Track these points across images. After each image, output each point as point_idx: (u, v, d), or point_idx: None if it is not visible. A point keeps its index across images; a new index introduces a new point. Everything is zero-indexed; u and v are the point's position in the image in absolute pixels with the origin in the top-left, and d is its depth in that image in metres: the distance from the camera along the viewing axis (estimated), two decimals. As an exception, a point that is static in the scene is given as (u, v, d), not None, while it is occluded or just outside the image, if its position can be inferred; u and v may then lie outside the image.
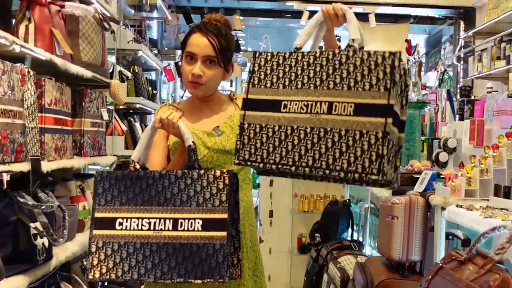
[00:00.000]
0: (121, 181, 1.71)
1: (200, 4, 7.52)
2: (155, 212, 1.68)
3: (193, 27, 1.98)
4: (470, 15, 7.23)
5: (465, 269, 1.69)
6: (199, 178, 1.71)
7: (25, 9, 2.21)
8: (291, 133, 1.60)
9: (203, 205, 1.69)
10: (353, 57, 1.56)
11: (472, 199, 2.51)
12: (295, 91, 1.62)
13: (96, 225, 1.68)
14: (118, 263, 1.63)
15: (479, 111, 3.53)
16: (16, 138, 1.91)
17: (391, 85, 1.50)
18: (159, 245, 1.64)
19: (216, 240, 1.65)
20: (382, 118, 1.48)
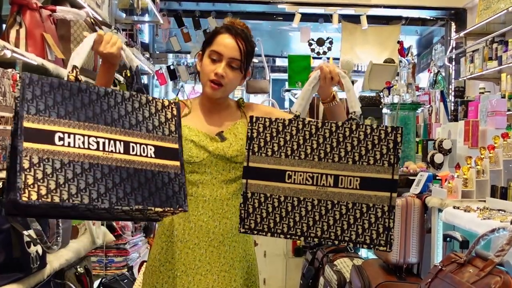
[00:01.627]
0: (57, 90, 1.41)
1: (191, 8, 7.50)
2: (102, 131, 1.46)
3: (221, 28, 1.94)
4: (461, 16, 7.26)
5: (465, 271, 1.68)
6: (147, 103, 1.58)
7: (15, 14, 2.19)
8: (297, 205, 1.65)
9: (153, 131, 1.57)
10: (356, 131, 1.64)
11: (469, 201, 2.51)
12: (299, 162, 1.66)
13: (27, 137, 1.33)
14: (62, 184, 1.36)
15: (473, 112, 3.53)
16: (8, 145, 1.88)
17: (395, 160, 1.61)
18: (111, 168, 1.45)
19: (170, 169, 1.58)
20: (388, 192, 1.60)
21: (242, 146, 1.93)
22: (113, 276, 3.42)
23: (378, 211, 1.59)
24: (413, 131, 3.92)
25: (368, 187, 1.61)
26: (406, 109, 3.85)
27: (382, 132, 1.62)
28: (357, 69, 8.03)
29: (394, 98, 3.96)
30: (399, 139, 1.61)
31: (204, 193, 1.88)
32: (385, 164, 1.60)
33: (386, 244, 1.58)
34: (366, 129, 1.63)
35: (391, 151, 1.60)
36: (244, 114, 2.02)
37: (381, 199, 1.60)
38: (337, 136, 1.64)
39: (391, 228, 1.58)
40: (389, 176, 1.60)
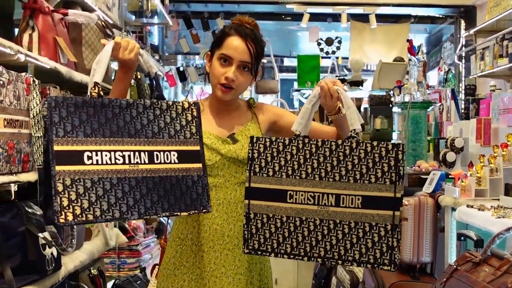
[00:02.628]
0: (81, 108, 1.46)
1: (200, 9, 7.51)
2: (127, 144, 1.51)
3: (230, 29, 1.91)
4: (471, 13, 7.21)
5: (481, 270, 1.67)
6: (168, 109, 1.62)
7: (28, 18, 2.20)
8: (300, 225, 1.64)
9: (175, 137, 1.61)
10: (357, 149, 1.61)
11: (483, 199, 2.49)
12: (300, 181, 1.65)
13: (58, 160, 1.38)
14: (94, 202, 1.42)
15: (485, 110, 3.51)
16: (22, 148, 1.90)
17: (397, 178, 1.58)
18: (137, 180, 1.50)
19: (193, 172, 1.62)
20: (390, 211, 1.57)
21: None
22: (126, 277, 3.44)
23: (381, 230, 1.57)
24: (425, 130, 3.91)
25: (370, 206, 1.59)
26: (417, 107, 3.84)
27: (383, 150, 1.59)
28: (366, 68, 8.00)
29: (405, 96, 3.95)
30: (400, 156, 1.58)
31: (218, 196, 1.87)
32: (387, 182, 1.58)
33: (390, 264, 1.56)
34: (367, 147, 1.61)
35: (392, 169, 1.58)
36: (255, 115, 2.02)
37: (383, 218, 1.57)
38: (338, 155, 1.62)
39: (395, 247, 1.56)
40: (391, 194, 1.58)
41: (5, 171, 1.78)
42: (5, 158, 1.78)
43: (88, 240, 2.60)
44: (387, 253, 1.55)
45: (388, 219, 1.57)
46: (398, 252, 1.57)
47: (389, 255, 1.55)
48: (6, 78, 1.80)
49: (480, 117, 3.36)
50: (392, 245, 1.56)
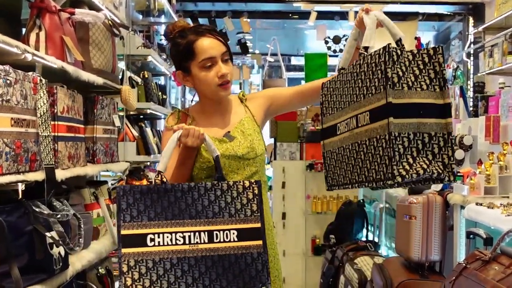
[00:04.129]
0: (146, 195, 1.62)
1: (207, 8, 7.51)
2: (188, 225, 1.63)
3: (187, 37, 1.91)
4: (479, 10, 7.17)
5: (490, 269, 1.66)
6: (229, 189, 1.70)
7: (35, 17, 2.20)
8: (343, 154, 1.69)
9: (235, 215, 1.68)
10: (363, 64, 1.57)
11: (492, 197, 2.47)
12: (341, 113, 1.71)
13: (124, 243, 1.58)
14: (155, 281, 1.56)
15: (494, 107, 3.48)
16: (30, 147, 1.90)
17: (386, 82, 1.45)
18: (197, 259, 1.60)
19: (253, 249, 1.67)
20: (385, 119, 1.45)
21: (251, 142, 1.95)
22: (134, 276, 3.44)
23: (383, 142, 1.46)
24: (433, 127, 3.88)
25: (375, 119, 1.50)
26: (425, 105, 3.81)
27: (377, 56, 1.50)
28: (374, 66, 7.97)
29: (413, 94, 3.92)
30: (386, 57, 1.46)
31: None
32: (381, 89, 1.46)
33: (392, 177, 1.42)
34: (367, 59, 1.55)
35: (383, 73, 1.46)
36: (247, 108, 2.04)
37: (383, 128, 1.45)
38: (354, 76, 1.63)
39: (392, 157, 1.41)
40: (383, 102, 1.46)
41: (12, 170, 1.78)
42: (12, 157, 1.78)
43: (96, 239, 2.60)
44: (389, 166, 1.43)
45: (386, 129, 1.45)
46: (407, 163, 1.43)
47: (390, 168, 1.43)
48: (13, 78, 1.80)
49: (489, 115, 3.33)
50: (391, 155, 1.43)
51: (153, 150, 4.34)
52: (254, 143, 1.95)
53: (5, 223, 1.70)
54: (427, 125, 1.47)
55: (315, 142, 5.88)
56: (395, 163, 1.42)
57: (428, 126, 1.47)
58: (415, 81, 1.48)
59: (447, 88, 1.49)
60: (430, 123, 1.47)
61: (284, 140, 5.42)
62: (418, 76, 1.49)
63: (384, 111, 1.45)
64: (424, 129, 1.46)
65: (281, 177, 5.33)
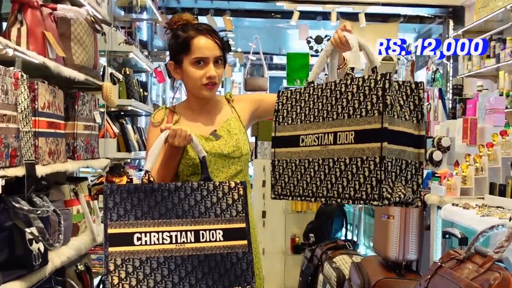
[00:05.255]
0: (133, 194, 1.62)
1: (190, 5, 7.50)
2: (174, 225, 1.63)
3: (188, 32, 1.94)
4: (459, 14, 7.28)
5: (465, 268, 1.70)
6: (215, 189, 1.71)
7: (17, 12, 2.18)
8: (308, 166, 1.69)
9: (221, 216, 1.70)
10: (351, 85, 1.60)
11: (468, 198, 2.53)
12: (309, 125, 1.71)
13: (111, 242, 1.57)
14: (141, 280, 1.55)
15: (472, 110, 3.54)
16: (10, 143, 1.89)
17: (383, 108, 1.50)
18: (183, 258, 1.61)
19: (238, 249, 1.69)
20: (378, 143, 1.51)
21: (237, 141, 1.96)
22: (113, 273, 3.43)
23: (371, 164, 1.51)
24: (412, 128, 3.93)
25: (361, 140, 1.55)
26: (404, 106, 3.86)
27: (372, 81, 1.53)
28: (355, 66, 8.03)
29: (393, 96, 3.97)
30: (387, 85, 1.51)
31: None
32: (375, 114, 1.51)
33: (379, 199, 1.48)
34: (359, 81, 1.57)
35: (380, 99, 1.50)
36: (234, 108, 2.06)
37: (373, 151, 1.51)
38: (336, 94, 1.63)
39: (382, 180, 1.48)
40: (378, 126, 1.50)
41: (-8, 165, 1.78)
42: (-8, 153, 1.77)
43: (75, 236, 2.59)
44: (376, 188, 1.49)
45: (376, 152, 1.51)
46: (389, 187, 1.50)
47: (378, 189, 1.49)
48: (-6, 73, 1.79)
49: (467, 117, 3.39)
50: (380, 178, 1.49)
51: (133, 147, 4.33)
52: (240, 142, 1.97)
53: (-16, 218, 1.70)
54: (406, 153, 1.56)
55: (296, 141, 5.91)
56: (383, 185, 1.49)
57: (406, 154, 1.56)
58: (401, 110, 1.56)
59: (423, 121, 1.59)
60: (408, 152, 1.56)
61: (265, 139, 5.44)
62: (403, 106, 1.57)
63: (377, 135, 1.50)
64: (403, 156, 1.55)
65: (261, 175, 5.35)
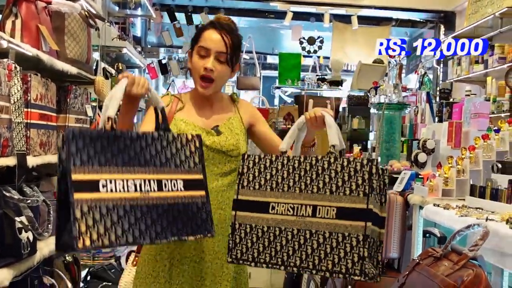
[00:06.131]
0: (96, 140, 1.54)
1: (184, 3, 7.53)
2: (138, 173, 1.61)
3: (207, 24, 2.00)
4: (450, 19, 7.37)
5: (441, 265, 1.75)
6: (174, 140, 1.74)
7: (12, 5, 2.23)
8: (279, 234, 1.71)
9: (180, 166, 1.73)
10: (334, 163, 1.69)
11: (449, 199, 2.59)
12: (282, 194, 1.74)
13: (76, 188, 1.46)
14: (109, 227, 1.50)
15: (457, 114, 3.61)
16: (2, 133, 1.92)
17: (369, 190, 1.63)
18: (148, 206, 1.60)
19: (197, 199, 1.74)
20: (362, 222, 1.61)
21: (237, 140, 2.00)
22: (101, 265, 3.47)
23: (353, 240, 1.61)
24: (399, 130, 4.00)
25: (343, 216, 1.65)
26: (392, 109, 3.93)
27: (358, 164, 1.66)
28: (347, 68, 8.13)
29: (381, 98, 4.04)
30: (374, 170, 1.65)
31: None
32: (360, 194, 1.64)
33: (361, 274, 1.58)
34: (343, 162, 1.68)
35: (366, 182, 1.64)
36: (237, 109, 2.09)
37: (356, 229, 1.62)
38: (317, 169, 1.71)
39: (365, 257, 1.59)
40: (364, 206, 1.63)
41: (-16, 154, 1.81)
42: (-16, 142, 1.81)
43: (64, 227, 2.63)
44: (358, 263, 1.59)
45: (360, 230, 1.61)
46: (369, 263, 1.61)
47: (359, 265, 1.59)
48: (-12, 64, 1.83)
49: (452, 120, 3.46)
50: (363, 255, 1.59)
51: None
52: (239, 142, 2.01)
53: (-25, 206, 1.73)
54: (375, 232, 1.67)
55: (286, 140, 5.96)
56: (365, 262, 1.59)
57: (375, 233, 1.67)
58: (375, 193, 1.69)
59: (385, 203, 1.71)
60: (377, 231, 1.68)
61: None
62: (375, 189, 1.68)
63: (362, 215, 1.62)
64: (373, 235, 1.66)
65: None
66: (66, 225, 1.48)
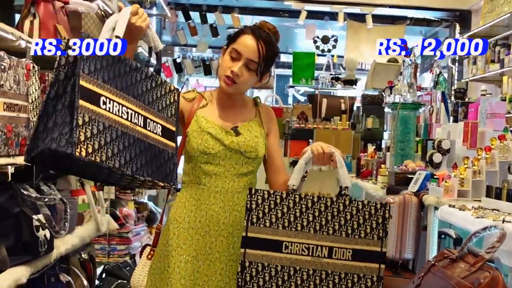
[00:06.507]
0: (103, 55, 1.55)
1: (199, 2, 7.55)
2: (131, 103, 1.63)
3: (247, 28, 1.99)
4: (466, 18, 7.30)
5: (457, 267, 1.75)
6: (160, 85, 1.77)
7: (30, 5, 2.25)
8: (294, 274, 1.77)
9: (161, 112, 1.76)
10: (349, 206, 1.80)
11: (465, 200, 2.57)
12: (295, 233, 1.79)
13: (82, 94, 1.44)
14: (103, 145, 1.49)
15: (473, 114, 3.58)
16: (20, 132, 1.95)
17: (383, 234, 1.77)
18: (134, 139, 1.62)
19: (169, 149, 1.77)
20: (377, 263, 1.77)
21: (256, 143, 2.00)
22: (116, 263, 3.50)
23: (368, 281, 1.75)
24: (413, 130, 3.98)
25: (359, 258, 1.77)
26: (407, 108, 3.91)
27: (372, 208, 1.79)
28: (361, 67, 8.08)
29: (396, 97, 4.02)
30: (387, 214, 1.78)
31: (216, 184, 1.96)
32: (375, 238, 1.77)
33: None
34: (358, 205, 1.79)
35: (380, 226, 1.77)
36: (259, 113, 2.10)
37: (370, 270, 1.76)
38: (332, 211, 1.79)
39: None
40: (378, 249, 1.77)
41: (3, 153, 1.83)
42: (3, 141, 1.83)
43: (80, 225, 2.65)
44: None
45: (374, 271, 1.76)
46: None
47: None
48: (7, 63, 1.85)
49: (468, 120, 3.43)
50: None
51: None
52: (258, 145, 2.01)
53: (-6, 204, 1.75)
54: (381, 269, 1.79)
55: (300, 139, 5.97)
56: None
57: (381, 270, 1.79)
58: None
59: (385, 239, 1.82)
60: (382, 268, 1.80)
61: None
62: None
63: (376, 257, 1.77)
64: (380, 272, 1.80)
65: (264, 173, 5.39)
66: (54, 128, 1.43)
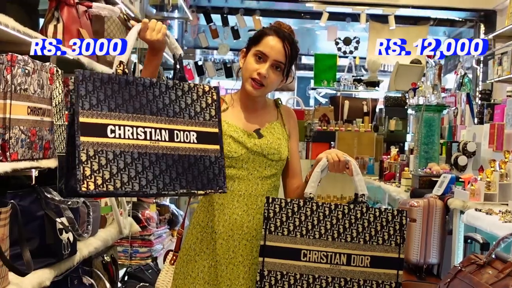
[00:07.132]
0: (107, 84, 1.51)
1: (220, 4, 7.57)
2: (149, 121, 1.57)
3: (268, 29, 1.99)
4: (491, 18, 7.18)
5: (484, 273, 1.71)
6: (190, 90, 1.68)
7: (54, 9, 2.27)
8: (313, 282, 1.78)
9: (195, 118, 1.67)
10: (367, 213, 1.82)
11: (491, 203, 2.52)
12: (313, 241, 1.81)
13: (83, 131, 1.44)
14: (115, 174, 1.46)
15: (499, 115, 3.52)
16: (44, 135, 1.96)
17: (401, 240, 1.80)
18: (158, 156, 1.56)
19: (211, 153, 1.68)
20: (395, 270, 1.79)
21: (279, 145, 1.99)
22: (138, 266, 3.51)
23: (387, 287, 1.78)
24: (438, 132, 3.92)
25: (377, 265, 1.78)
26: (431, 110, 3.86)
27: (389, 215, 1.81)
28: (383, 69, 8.01)
29: (420, 99, 3.97)
30: (404, 221, 1.80)
31: (240, 187, 1.95)
32: (392, 244, 1.80)
33: None
34: (376, 212, 1.81)
35: (397, 232, 1.80)
36: (281, 115, 2.09)
37: (389, 276, 1.78)
38: (349, 218, 1.81)
39: None
40: (396, 255, 1.79)
41: (27, 157, 1.85)
42: (27, 144, 1.84)
43: (103, 227, 2.67)
44: None
45: (393, 277, 1.78)
46: None
47: None
48: (31, 67, 1.86)
49: (494, 122, 3.37)
50: None
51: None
52: (281, 147, 2.00)
53: (18, 207, 1.76)
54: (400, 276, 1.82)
55: (322, 141, 5.93)
56: None
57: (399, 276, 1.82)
58: None
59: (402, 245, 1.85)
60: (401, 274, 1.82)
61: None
62: None
63: (394, 264, 1.80)
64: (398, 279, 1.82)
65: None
66: (74, 170, 1.44)
